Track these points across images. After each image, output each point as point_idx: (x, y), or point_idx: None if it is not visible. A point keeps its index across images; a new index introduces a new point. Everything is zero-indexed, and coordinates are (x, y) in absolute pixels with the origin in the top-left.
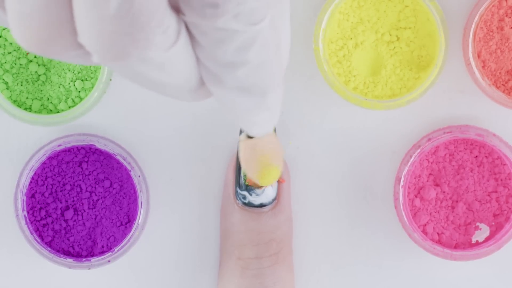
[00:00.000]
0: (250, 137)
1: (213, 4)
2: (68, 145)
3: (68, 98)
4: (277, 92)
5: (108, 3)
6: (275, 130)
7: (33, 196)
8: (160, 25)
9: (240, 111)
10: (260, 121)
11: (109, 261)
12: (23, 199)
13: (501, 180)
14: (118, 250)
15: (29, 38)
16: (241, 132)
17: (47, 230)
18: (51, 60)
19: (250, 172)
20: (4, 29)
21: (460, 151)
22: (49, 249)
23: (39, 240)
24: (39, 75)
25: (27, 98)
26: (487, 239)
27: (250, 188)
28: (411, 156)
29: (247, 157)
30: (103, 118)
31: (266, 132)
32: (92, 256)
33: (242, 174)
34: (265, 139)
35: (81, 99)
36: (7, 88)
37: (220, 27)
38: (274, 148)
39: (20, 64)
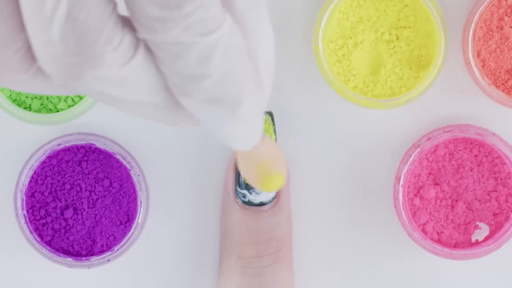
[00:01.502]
0: None
1: (160, 19)
2: (68, 144)
3: (68, 97)
4: (253, 99)
5: (50, 27)
6: (275, 138)
7: (32, 195)
8: (110, 43)
9: (214, 123)
10: (240, 133)
11: (108, 260)
12: (23, 198)
13: (501, 179)
14: (117, 249)
15: None
16: None
17: (47, 229)
18: None
19: (251, 181)
20: None
21: (460, 150)
22: (48, 248)
23: (38, 239)
24: None
25: (27, 97)
26: (486, 238)
27: (250, 187)
28: (410, 155)
29: (245, 167)
30: (103, 117)
31: (251, 144)
32: (92, 255)
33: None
34: (262, 146)
35: (80, 98)
36: None
37: (173, 42)
38: (273, 155)
39: None
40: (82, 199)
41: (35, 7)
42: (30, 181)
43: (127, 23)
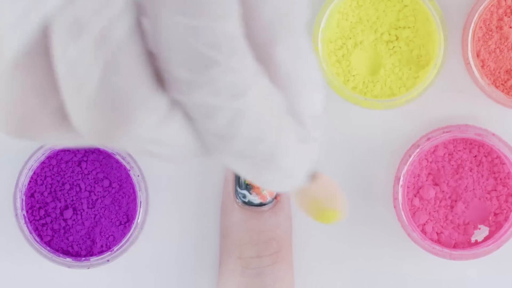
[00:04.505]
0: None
1: (187, 81)
2: None
3: None
4: (291, 153)
5: (84, 89)
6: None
7: (32, 195)
8: (145, 106)
9: (248, 173)
10: (277, 181)
11: (108, 260)
12: (22, 199)
13: (500, 179)
14: (117, 250)
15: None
16: None
17: (46, 229)
18: None
19: (306, 214)
20: None
21: (459, 150)
22: (48, 248)
23: (38, 240)
24: None
25: None
26: (486, 239)
27: (249, 187)
28: (410, 156)
29: (302, 205)
30: None
31: (293, 187)
32: (91, 255)
33: None
34: (315, 184)
35: None
36: None
37: (199, 104)
38: (328, 192)
39: None
40: (81, 200)
41: (68, 68)
42: (30, 181)
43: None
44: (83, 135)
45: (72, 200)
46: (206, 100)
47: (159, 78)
